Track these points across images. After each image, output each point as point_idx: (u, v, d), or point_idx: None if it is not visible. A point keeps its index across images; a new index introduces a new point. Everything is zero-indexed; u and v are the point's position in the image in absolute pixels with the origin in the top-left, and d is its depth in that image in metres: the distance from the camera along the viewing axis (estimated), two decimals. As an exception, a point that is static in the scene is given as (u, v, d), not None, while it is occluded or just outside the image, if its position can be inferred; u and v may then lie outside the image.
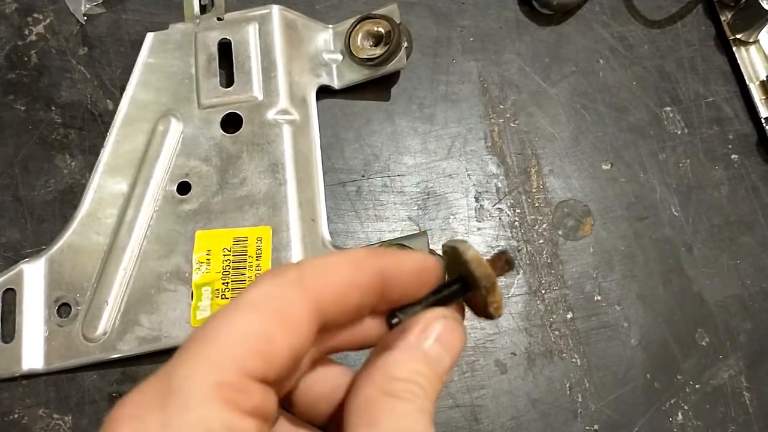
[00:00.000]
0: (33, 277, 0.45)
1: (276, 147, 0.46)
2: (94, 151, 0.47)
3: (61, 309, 0.45)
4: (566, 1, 0.51)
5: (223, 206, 0.45)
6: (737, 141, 0.52)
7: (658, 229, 0.49)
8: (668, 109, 0.52)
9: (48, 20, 0.49)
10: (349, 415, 0.23)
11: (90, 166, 0.46)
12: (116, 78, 0.49)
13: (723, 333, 0.48)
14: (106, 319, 0.44)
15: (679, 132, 0.51)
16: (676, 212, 0.50)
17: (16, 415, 0.43)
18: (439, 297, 0.25)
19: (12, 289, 0.45)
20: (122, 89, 0.47)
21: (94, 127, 0.48)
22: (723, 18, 0.54)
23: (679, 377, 0.47)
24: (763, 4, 0.50)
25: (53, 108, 0.48)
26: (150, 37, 0.49)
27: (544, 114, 0.51)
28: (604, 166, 0.50)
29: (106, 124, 0.47)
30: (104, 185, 0.46)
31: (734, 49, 0.53)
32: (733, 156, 0.51)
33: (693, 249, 0.49)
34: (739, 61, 0.53)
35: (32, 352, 0.44)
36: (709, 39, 0.54)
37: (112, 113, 0.47)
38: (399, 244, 0.43)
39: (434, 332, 0.24)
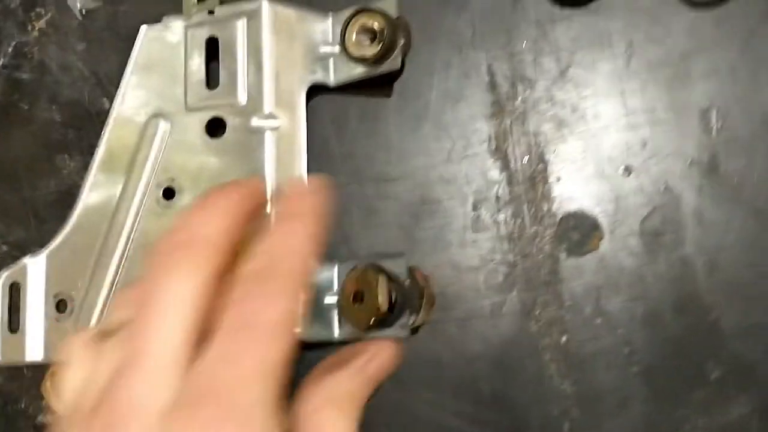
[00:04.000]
0: (35, 273, 0.51)
1: (257, 156, 0.47)
2: (91, 152, 0.50)
3: (60, 305, 0.50)
4: (589, -15, 0.48)
5: (208, 214, 0.48)
6: (785, 146, 0.48)
7: (676, 248, 0.47)
8: (705, 107, 0.48)
9: (49, 14, 0.53)
10: (298, 419, 0.29)
11: (88, 167, 0.50)
12: (113, 75, 0.51)
13: (737, 367, 0.46)
14: (97, 319, 0.49)
15: (714, 134, 0.48)
16: (701, 228, 0.47)
17: (22, 405, 0.49)
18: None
19: (18, 283, 0.51)
20: (118, 87, 0.50)
21: (91, 126, 0.51)
22: (787, -5, 0.48)
23: (681, 411, 0.46)
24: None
25: (54, 106, 0.52)
26: (143, 30, 0.50)
27: (556, 113, 0.49)
28: (621, 174, 0.48)
29: (103, 124, 0.50)
30: (97, 187, 0.50)
31: (796, 34, 0.48)
32: None
33: (715, 271, 0.47)
34: (800, 50, 0.48)
35: (34, 344, 0.50)
36: (765, 22, 0.49)
37: (108, 112, 0.50)
38: (374, 264, 0.44)
39: (378, 360, 0.34)
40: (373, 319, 0.43)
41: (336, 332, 0.47)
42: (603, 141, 0.49)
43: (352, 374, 0.32)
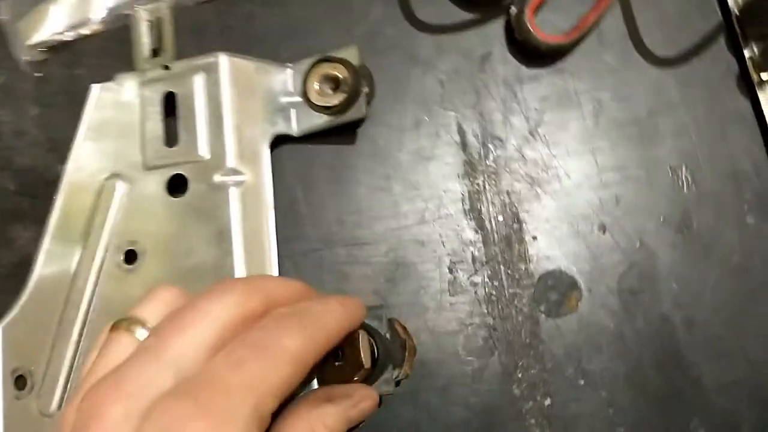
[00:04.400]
0: (-10, 347, 0.48)
1: (222, 213, 0.46)
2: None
3: (18, 381, 0.47)
4: (558, 45, 0.48)
5: (171, 279, 0.46)
6: (754, 201, 0.49)
7: (654, 305, 0.47)
8: (677, 163, 0.49)
9: (2, 78, 0.50)
10: None
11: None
12: (69, 140, 0.49)
13: (722, 423, 0.46)
14: (60, 395, 0.46)
15: (686, 190, 0.49)
16: (677, 285, 0.47)
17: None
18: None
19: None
20: (73, 151, 0.48)
21: (47, 194, 0.49)
22: (748, 54, 0.50)
23: (668, 473, 0.45)
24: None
25: (7, 174, 0.49)
26: (95, 89, 0.49)
27: (529, 171, 0.49)
28: (596, 231, 0.48)
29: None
30: (53, 256, 0.47)
31: (759, 92, 0.49)
32: (748, 218, 0.48)
33: (694, 327, 0.47)
34: (763, 107, 0.49)
35: (-8, 425, 0.47)
36: (729, 79, 0.50)
37: (64, 179, 0.48)
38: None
39: (362, 405, 0.35)
40: (356, 377, 0.42)
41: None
42: (576, 199, 0.49)
43: (336, 412, 0.32)
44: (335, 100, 0.47)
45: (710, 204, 0.49)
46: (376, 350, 0.42)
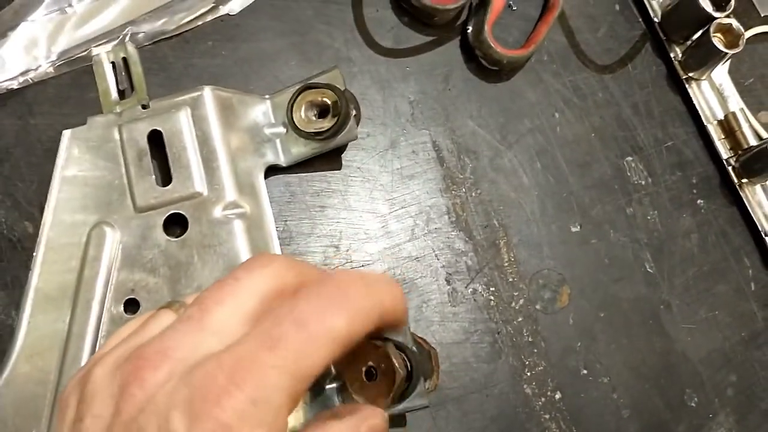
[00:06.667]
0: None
1: (230, 247, 0.45)
2: (18, 284, 0.44)
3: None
4: (518, 58, 0.52)
5: (179, 325, 0.44)
6: (701, 185, 0.54)
7: (634, 289, 0.51)
8: (630, 158, 0.54)
9: (-57, 135, 0.46)
10: None
11: (15, 303, 0.44)
12: (32, 195, 0.46)
13: (710, 390, 0.50)
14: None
15: (643, 182, 0.53)
16: (650, 269, 0.52)
17: None
18: None
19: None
20: (41, 207, 0.45)
21: (14, 255, 0.45)
22: (673, 55, 0.56)
23: (673, 444, 0.49)
24: (716, 44, 0.52)
25: (-37, 238, 0.45)
26: (66, 135, 0.46)
27: (505, 179, 0.52)
28: (573, 229, 0.52)
29: (28, 251, 0.45)
30: (37, 322, 0.44)
31: (687, 87, 0.55)
32: (698, 201, 0.54)
33: (671, 306, 0.51)
34: (693, 101, 0.55)
35: None
36: (661, 79, 0.56)
37: (33, 237, 0.44)
38: (380, 336, 0.43)
39: (371, 423, 0.33)
40: (392, 393, 0.41)
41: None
42: (549, 201, 0.52)
43: (344, 429, 0.31)
44: (326, 124, 0.47)
45: (665, 192, 0.54)
46: (408, 364, 0.42)
